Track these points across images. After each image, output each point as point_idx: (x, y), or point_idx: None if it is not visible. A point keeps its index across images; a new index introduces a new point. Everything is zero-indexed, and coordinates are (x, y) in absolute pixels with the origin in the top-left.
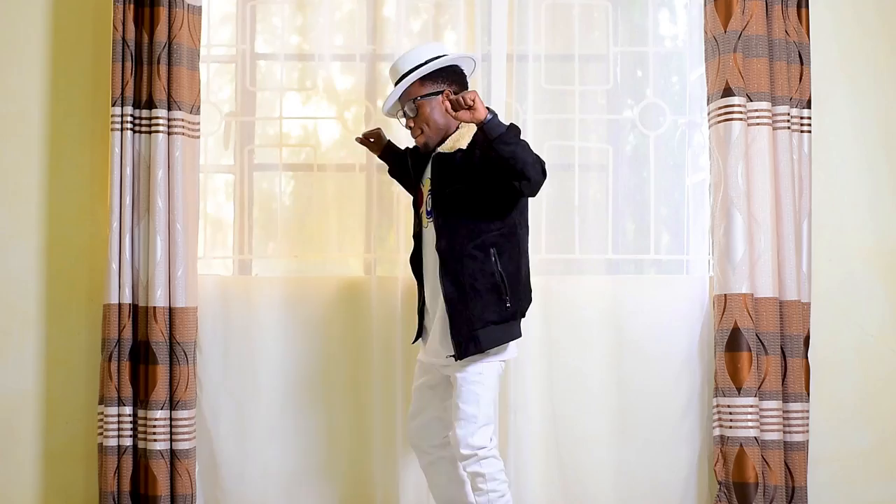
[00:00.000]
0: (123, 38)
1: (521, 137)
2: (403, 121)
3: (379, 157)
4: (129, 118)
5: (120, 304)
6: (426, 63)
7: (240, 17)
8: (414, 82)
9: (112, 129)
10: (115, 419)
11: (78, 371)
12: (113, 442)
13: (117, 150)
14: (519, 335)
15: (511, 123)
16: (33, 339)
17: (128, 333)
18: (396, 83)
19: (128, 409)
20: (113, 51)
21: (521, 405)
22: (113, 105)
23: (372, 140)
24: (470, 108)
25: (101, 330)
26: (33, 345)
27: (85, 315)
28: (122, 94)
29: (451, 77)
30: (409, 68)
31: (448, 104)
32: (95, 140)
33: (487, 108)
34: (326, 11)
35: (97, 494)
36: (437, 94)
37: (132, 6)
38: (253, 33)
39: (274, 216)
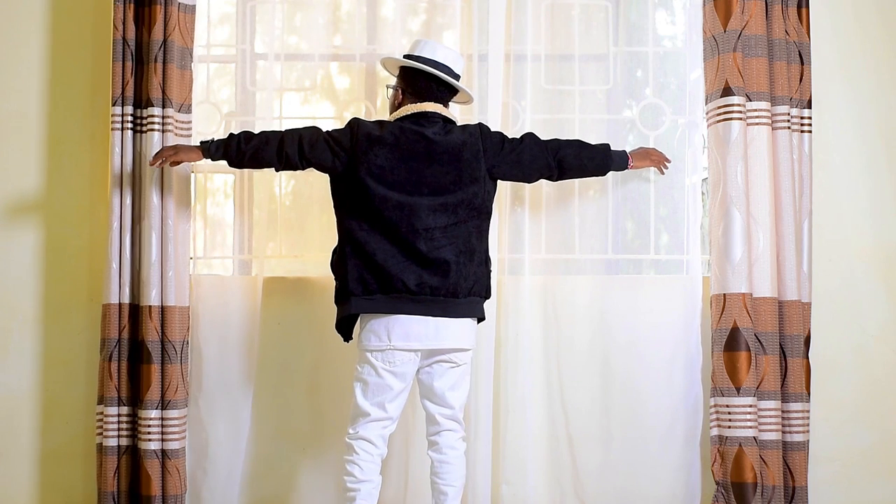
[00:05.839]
0: (124, 38)
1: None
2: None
3: None
4: (130, 118)
5: (120, 304)
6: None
7: (239, 17)
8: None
9: (112, 129)
10: (115, 419)
11: (77, 371)
12: (113, 442)
13: (117, 149)
14: (345, 313)
15: (229, 135)
16: (32, 339)
17: (127, 333)
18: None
19: (127, 409)
20: (113, 50)
21: (521, 405)
22: (113, 105)
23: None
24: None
25: (100, 330)
26: (32, 345)
27: (84, 315)
28: (123, 93)
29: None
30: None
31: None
32: (95, 140)
33: (203, 142)
34: (325, 11)
35: (96, 494)
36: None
37: (132, 5)
38: (252, 33)
39: (274, 216)
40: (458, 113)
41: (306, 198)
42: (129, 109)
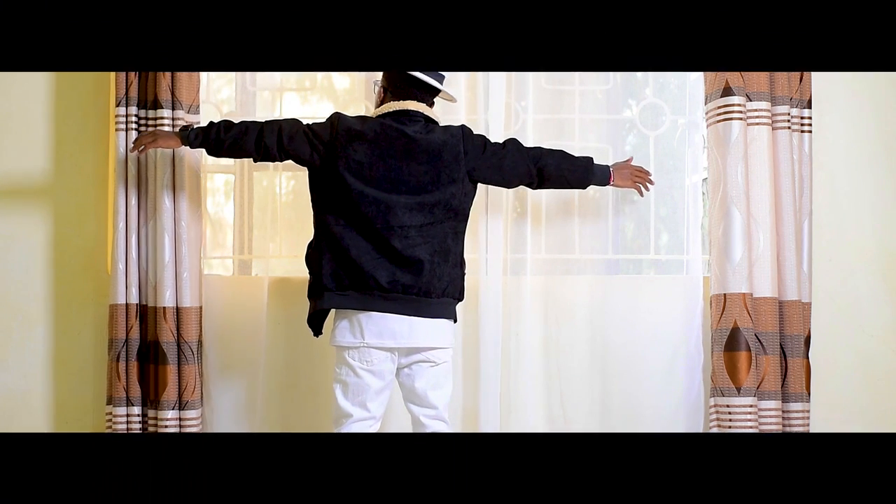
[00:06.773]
0: None
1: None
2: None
3: None
4: (134, 118)
5: (127, 305)
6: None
7: None
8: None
9: (117, 130)
10: (125, 419)
11: (80, 371)
12: None
13: (122, 150)
14: (317, 308)
15: (209, 122)
16: (38, 340)
17: (135, 334)
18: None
19: (136, 409)
20: None
21: (519, 405)
22: (117, 105)
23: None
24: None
25: (107, 330)
26: (38, 345)
27: (90, 315)
28: (127, 94)
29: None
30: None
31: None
32: (98, 140)
33: (182, 129)
34: None
35: None
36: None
37: None
38: None
39: (274, 216)
40: (462, 114)
41: (306, 198)
42: (133, 110)
